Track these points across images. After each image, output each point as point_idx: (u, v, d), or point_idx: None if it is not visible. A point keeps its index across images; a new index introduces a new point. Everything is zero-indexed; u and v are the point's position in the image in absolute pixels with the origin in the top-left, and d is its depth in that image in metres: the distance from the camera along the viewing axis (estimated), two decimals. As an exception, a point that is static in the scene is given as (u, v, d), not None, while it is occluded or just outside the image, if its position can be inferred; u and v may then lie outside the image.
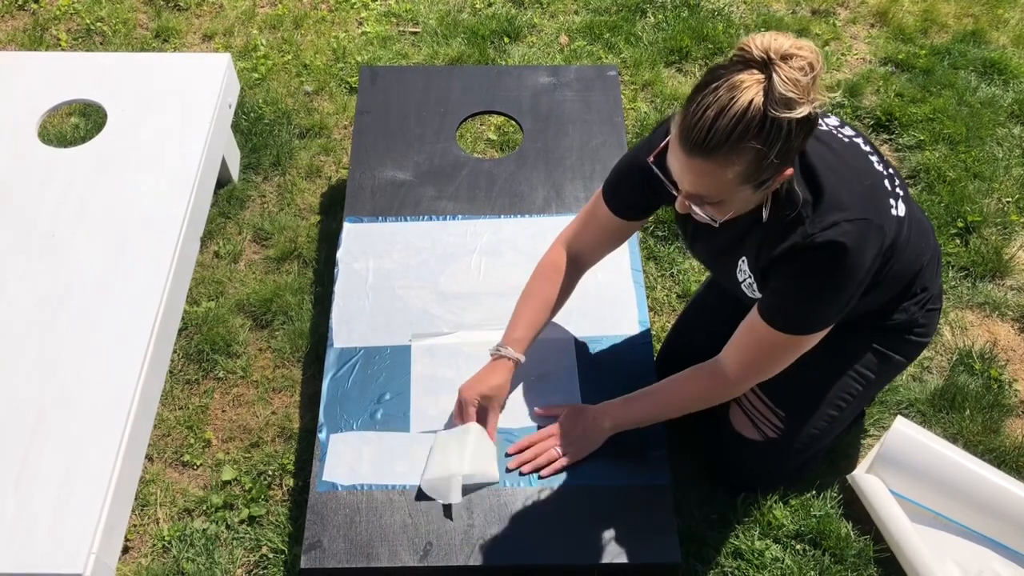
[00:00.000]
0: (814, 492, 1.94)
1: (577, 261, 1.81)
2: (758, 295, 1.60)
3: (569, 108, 2.38)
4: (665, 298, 2.32)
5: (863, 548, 1.86)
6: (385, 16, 3.13)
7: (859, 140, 1.56)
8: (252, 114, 2.75)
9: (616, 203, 1.71)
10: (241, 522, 1.92)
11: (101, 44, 3.00)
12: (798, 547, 1.86)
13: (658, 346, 2.10)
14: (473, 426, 1.74)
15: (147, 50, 2.96)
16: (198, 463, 2.02)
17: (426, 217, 2.15)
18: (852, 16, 3.20)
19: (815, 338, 1.54)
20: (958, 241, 2.47)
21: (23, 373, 1.84)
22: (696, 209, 1.43)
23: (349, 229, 2.13)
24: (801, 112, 1.26)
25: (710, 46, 3.01)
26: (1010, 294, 2.38)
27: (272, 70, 2.92)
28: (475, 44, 2.98)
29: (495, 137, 2.68)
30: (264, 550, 1.88)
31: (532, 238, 2.10)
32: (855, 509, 1.92)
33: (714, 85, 1.28)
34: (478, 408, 1.76)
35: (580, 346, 1.92)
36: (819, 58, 1.27)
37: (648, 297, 2.08)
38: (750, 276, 1.59)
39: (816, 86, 1.27)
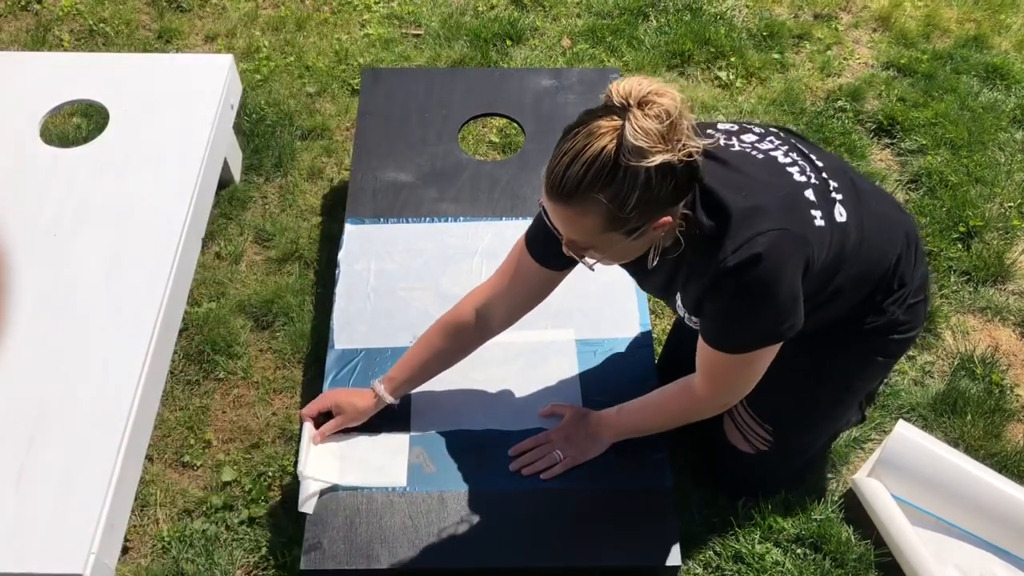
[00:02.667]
0: (815, 496, 1.94)
1: (487, 323, 1.73)
2: (695, 327, 1.57)
3: (571, 111, 2.37)
4: (666, 301, 2.32)
5: (864, 552, 1.86)
6: (388, 18, 3.13)
7: (778, 152, 1.49)
8: (254, 115, 2.75)
9: (538, 251, 1.64)
10: (241, 523, 1.92)
11: (104, 45, 3.00)
12: (799, 551, 1.86)
13: (659, 349, 2.10)
14: (307, 426, 1.77)
15: (149, 51, 2.96)
16: (198, 464, 2.01)
17: (428, 219, 2.15)
18: (854, 20, 3.20)
19: (768, 351, 1.50)
20: (960, 245, 2.47)
21: (24, 372, 1.84)
22: (580, 255, 1.41)
23: (350, 230, 2.13)
24: (655, 161, 1.22)
25: (712, 50, 3.01)
26: (1012, 299, 2.37)
27: (274, 71, 2.92)
28: (477, 47, 2.98)
29: (497, 139, 2.68)
30: (264, 551, 1.87)
31: (534, 240, 2.09)
32: (856, 513, 1.92)
33: (576, 131, 1.27)
34: (328, 411, 1.78)
35: (581, 348, 1.92)
36: (679, 105, 1.23)
37: (649, 299, 2.08)
38: (686, 312, 1.55)
39: (678, 133, 1.24)
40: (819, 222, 1.43)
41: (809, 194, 1.44)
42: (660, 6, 3.17)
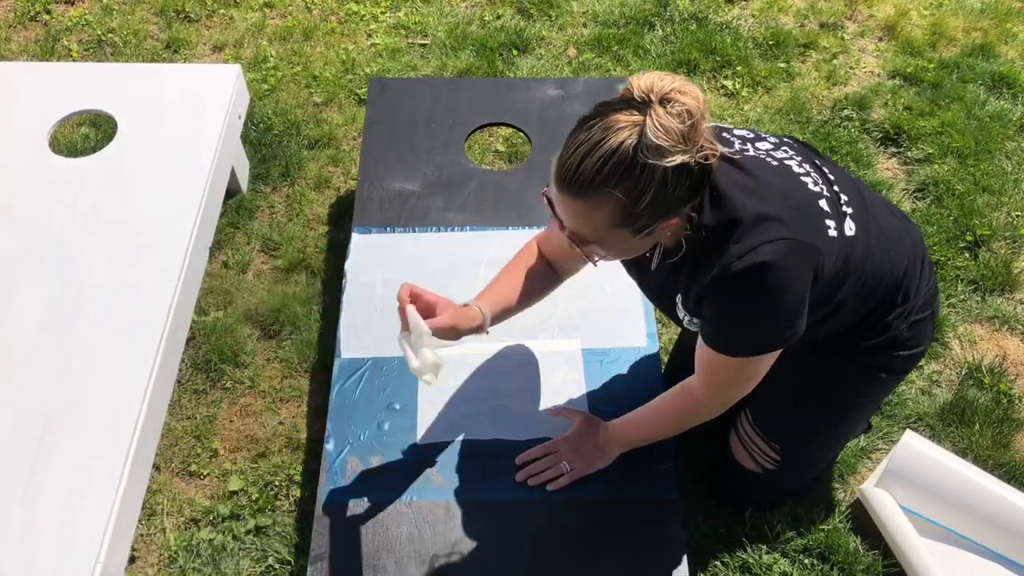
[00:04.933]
0: (822, 506, 1.93)
1: (550, 264, 1.73)
2: (695, 326, 1.54)
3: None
4: (673, 310, 2.31)
5: (872, 563, 1.85)
6: (394, 28, 3.14)
7: (792, 162, 1.47)
8: (261, 125, 2.76)
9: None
10: (248, 532, 1.92)
11: (112, 55, 3.02)
12: (806, 561, 1.86)
13: (666, 358, 2.10)
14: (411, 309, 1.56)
15: (158, 61, 2.98)
16: (205, 473, 2.02)
17: (434, 228, 2.15)
18: (860, 29, 3.20)
19: (768, 357, 1.48)
20: (967, 255, 2.47)
21: (32, 382, 1.85)
22: (581, 249, 1.38)
23: (357, 240, 2.13)
24: (674, 161, 1.20)
25: (718, 59, 3.01)
26: (1019, 308, 2.37)
27: (282, 81, 2.93)
28: (484, 56, 2.99)
29: (503, 149, 2.69)
30: (270, 561, 1.87)
31: (540, 250, 2.10)
32: (863, 523, 1.91)
33: (591, 123, 1.24)
34: (427, 303, 1.60)
35: (588, 358, 1.92)
36: (701, 106, 1.21)
37: (655, 310, 2.08)
38: (687, 314, 1.53)
39: (698, 134, 1.22)
40: (832, 232, 1.42)
41: (823, 204, 1.43)
42: (666, 15, 3.17)
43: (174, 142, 2.28)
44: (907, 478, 1.86)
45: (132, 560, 1.87)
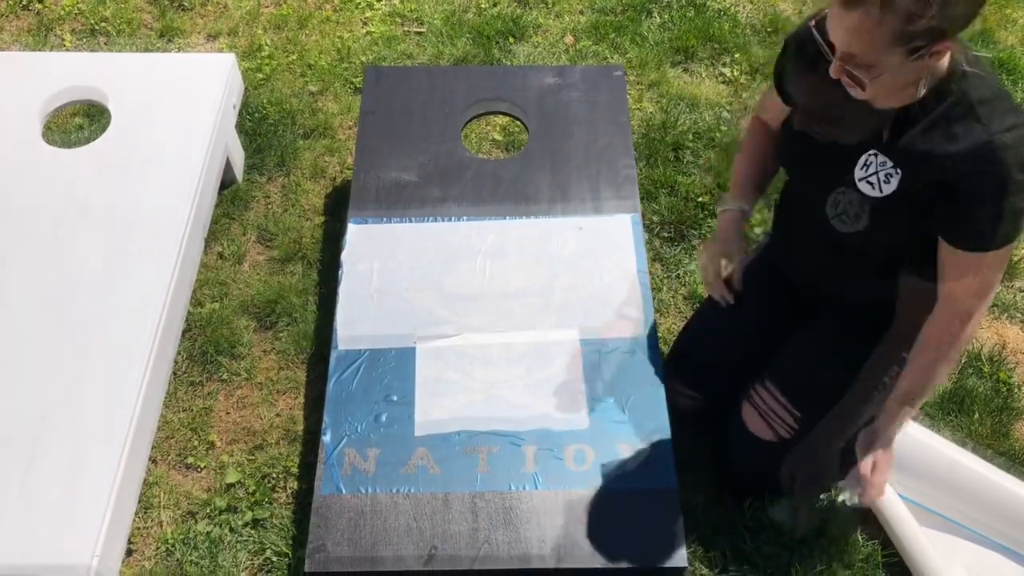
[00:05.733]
0: (821, 496, 1.93)
1: (769, 126, 1.81)
2: (877, 194, 1.50)
3: (575, 108, 2.36)
4: (671, 300, 2.30)
5: (871, 552, 1.85)
6: (390, 16, 3.12)
7: None
8: (256, 114, 2.74)
9: (778, 84, 1.70)
10: (245, 525, 1.91)
11: (105, 44, 2.99)
12: (805, 551, 1.85)
13: (664, 348, 2.09)
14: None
15: (151, 50, 2.96)
16: (202, 465, 2.01)
17: (431, 218, 2.14)
18: (859, 16, 3.17)
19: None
20: (966, 242, 2.45)
21: (27, 375, 1.84)
22: (847, 77, 1.38)
23: (353, 230, 2.12)
24: None
25: (716, 46, 2.99)
26: (1019, 296, 2.36)
27: (276, 70, 2.91)
28: (480, 44, 2.97)
29: (500, 137, 2.67)
30: (268, 553, 1.87)
31: (537, 239, 2.09)
32: (863, 513, 1.91)
33: None
34: (724, 266, 1.82)
35: (586, 348, 1.91)
36: None
37: (654, 299, 2.07)
38: (887, 167, 1.49)
39: None
40: None
41: None
42: (663, 2, 3.15)
43: (168, 132, 2.26)
44: (907, 467, 1.86)
45: (129, 553, 1.86)
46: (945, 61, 1.38)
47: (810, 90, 1.57)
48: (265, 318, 2.26)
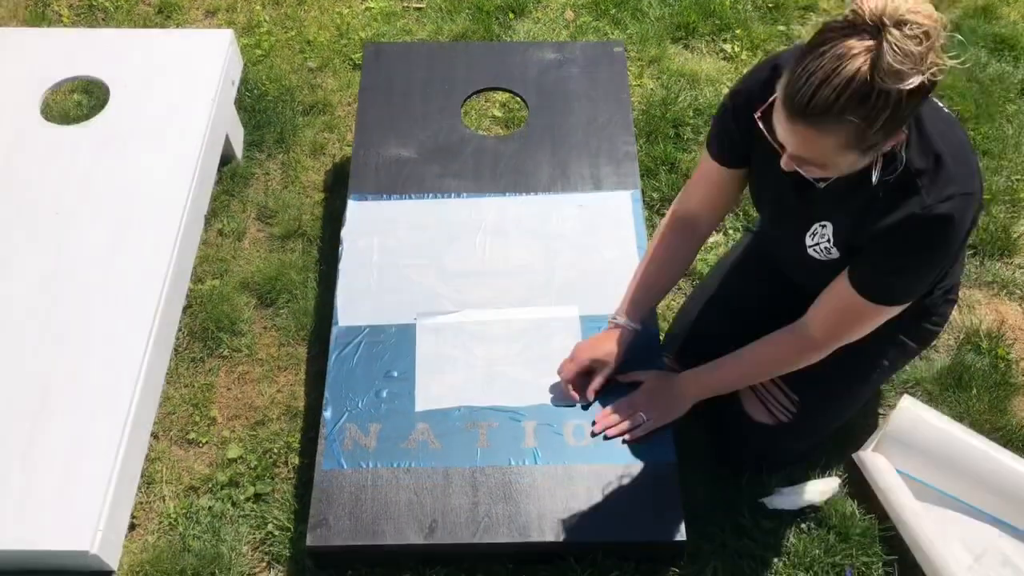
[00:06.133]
0: (819, 470, 1.94)
1: (691, 221, 1.78)
2: (829, 256, 1.55)
3: (575, 85, 2.36)
4: (671, 276, 2.30)
5: (868, 527, 1.86)
6: (389, -8, 3.10)
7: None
8: (255, 91, 2.73)
9: (715, 152, 1.69)
10: (247, 500, 1.92)
11: (103, 20, 2.98)
12: (803, 525, 1.86)
13: (663, 324, 2.09)
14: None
15: (149, 26, 2.94)
16: (203, 441, 2.02)
17: (431, 195, 2.14)
18: (861, -9, 3.15)
19: (899, 308, 1.52)
20: (966, 219, 2.45)
21: (28, 351, 1.85)
22: (800, 169, 1.39)
23: (353, 207, 2.12)
24: (912, 83, 1.19)
25: (717, 22, 2.98)
26: (1018, 273, 2.36)
27: (275, 47, 2.90)
28: (480, 20, 2.95)
29: (500, 114, 2.66)
30: (270, 527, 1.88)
31: (537, 216, 2.09)
32: (861, 488, 1.92)
33: (822, 49, 1.22)
34: (587, 369, 1.78)
35: (586, 325, 1.92)
36: (938, 24, 1.19)
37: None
38: (829, 241, 1.53)
39: (933, 53, 1.20)
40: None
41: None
42: (664, -22, 3.13)
43: (167, 109, 2.26)
44: (904, 443, 1.87)
45: (132, 527, 1.87)
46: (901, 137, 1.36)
47: (758, 164, 1.57)
48: (266, 295, 2.27)
